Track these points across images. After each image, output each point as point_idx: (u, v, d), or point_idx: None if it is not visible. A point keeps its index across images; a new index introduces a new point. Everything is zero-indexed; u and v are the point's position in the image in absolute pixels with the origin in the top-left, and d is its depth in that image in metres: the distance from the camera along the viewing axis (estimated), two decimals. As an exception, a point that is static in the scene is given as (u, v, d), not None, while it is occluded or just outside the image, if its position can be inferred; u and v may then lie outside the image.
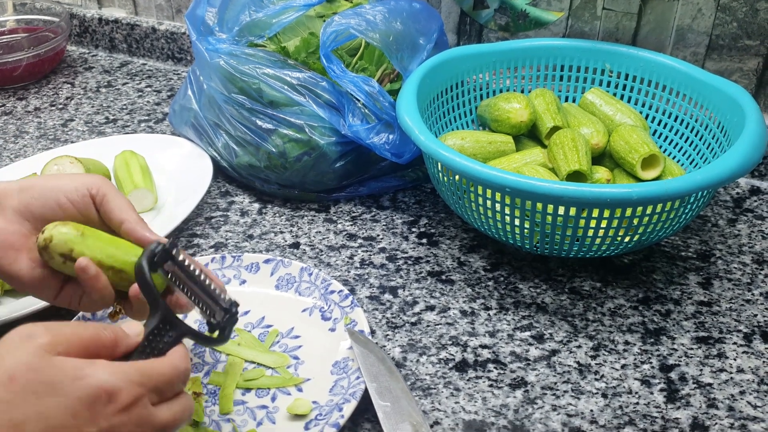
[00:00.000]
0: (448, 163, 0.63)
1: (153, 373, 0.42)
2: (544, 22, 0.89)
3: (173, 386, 0.43)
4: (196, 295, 0.47)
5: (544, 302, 0.67)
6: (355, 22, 0.76)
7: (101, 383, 0.38)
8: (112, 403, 0.38)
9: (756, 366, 0.60)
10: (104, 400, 0.38)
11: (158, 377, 0.42)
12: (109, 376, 0.39)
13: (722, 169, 0.60)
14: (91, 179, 0.52)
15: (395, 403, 0.54)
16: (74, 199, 0.51)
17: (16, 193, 0.50)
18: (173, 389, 0.43)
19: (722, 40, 0.81)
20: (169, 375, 0.43)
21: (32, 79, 1.14)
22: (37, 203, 0.50)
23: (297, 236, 0.77)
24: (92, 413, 0.38)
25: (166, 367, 0.43)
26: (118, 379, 0.39)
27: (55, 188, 0.51)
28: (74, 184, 0.51)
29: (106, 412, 0.38)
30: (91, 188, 0.51)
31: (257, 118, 0.79)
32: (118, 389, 0.39)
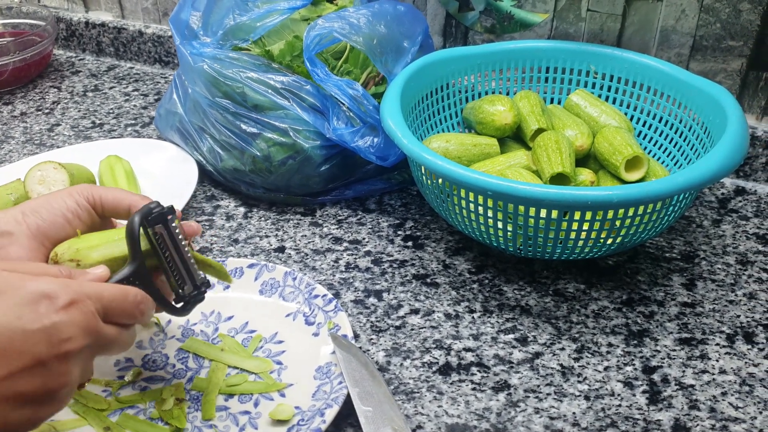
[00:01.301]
0: (431, 167, 0.63)
1: (97, 288, 0.45)
2: (529, 24, 0.89)
3: (121, 306, 0.46)
4: (173, 263, 0.50)
5: (528, 305, 0.67)
6: (338, 25, 0.76)
7: (42, 288, 0.41)
8: (52, 303, 0.41)
9: (738, 367, 0.60)
10: (45, 302, 0.41)
11: (100, 291, 0.44)
12: (48, 283, 0.42)
13: (704, 171, 0.60)
14: (80, 189, 0.54)
15: (377, 407, 0.54)
16: (79, 212, 0.53)
17: (21, 218, 0.51)
18: (123, 312, 0.46)
19: (706, 41, 0.82)
20: (116, 295, 0.45)
21: (18, 84, 1.13)
22: (46, 224, 0.51)
23: (282, 240, 0.77)
24: (34, 312, 0.40)
25: (115, 289, 0.46)
26: (58, 285, 0.42)
27: (60, 206, 0.52)
28: (73, 198, 0.53)
29: (47, 310, 0.41)
30: (87, 196, 0.53)
31: (242, 122, 0.78)
32: (56, 292, 0.41)
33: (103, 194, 0.54)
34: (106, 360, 0.61)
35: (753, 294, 0.68)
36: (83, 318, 0.42)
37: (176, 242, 0.51)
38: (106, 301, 0.45)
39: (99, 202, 0.54)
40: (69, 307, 0.42)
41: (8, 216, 0.51)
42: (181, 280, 0.51)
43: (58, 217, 0.52)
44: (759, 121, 0.84)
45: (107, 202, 0.54)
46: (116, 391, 0.59)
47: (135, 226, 0.49)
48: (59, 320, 0.41)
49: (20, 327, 0.40)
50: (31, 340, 0.40)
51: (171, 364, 0.61)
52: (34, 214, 0.51)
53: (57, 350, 0.41)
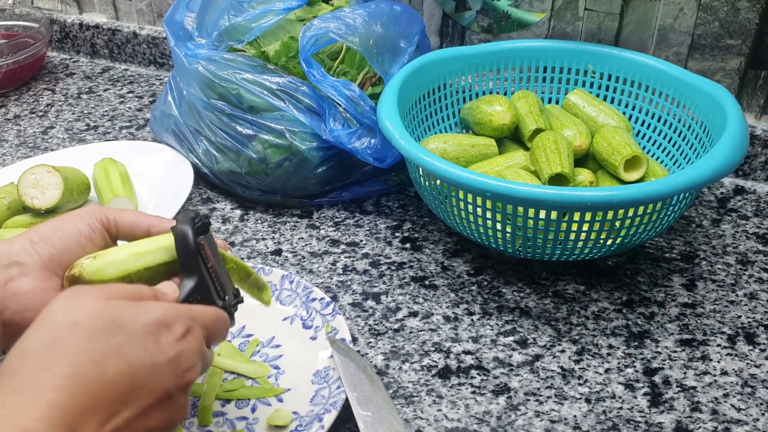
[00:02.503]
0: (429, 168, 0.63)
1: (198, 311, 0.44)
2: (527, 24, 0.89)
3: (217, 328, 0.45)
4: (215, 274, 0.49)
5: (528, 306, 0.67)
6: (334, 26, 0.75)
7: (158, 316, 0.40)
8: (170, 333, 0.40)
9: (740, 368, 0.60)
10: (164, 332, 0.40)
11: (204, 316, 0.44)
12: (162, 311, 0.41)
13: (703, 171, 0.59)
14: (92, 211, 0.50)
15: (376, 412, 0.54)
16: (93, 236, 0.49)
17: (30, 247, 0.47)
18: (217, 332, 0.45)
19: (704, 40, 0.81)
20: (213, 316, 0.45)
21: (12, 86, 1.12)
22: (59, 252, 0.47)
23: (279, 243, 0.76)
24: (157, 344, 0.39)
25: (209, 310, 0.45)
26: (171, 312, 0.41)
27: (72, 232, 0.48)
28: (86, 222, 0.49)
29: (168, 340, 0.40)
30: (100, 218, 0.50)
31: (237, 123, 0.78)
32: (172, 320, 0.41)
33: (117, 216, 0.51)
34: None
35: (754, 294, 0.67)
36: (198, 345, 0.42)
37: (215, 252, 0.49)
38: (209, 325, 0.44)
39: (114, 224, 0.50)
40: (187, 335, 0.41)
41: (17, 245, 0.47)
42: (222, 291, 0.49)
43: (71, 243, 0.48)
44: (758, 120, 0.84)
45: (124, 224, 0.51)
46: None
47: (190, 239, 0.47)
48: (181, 349, 0.40)
49: (149, 361, 0.38)
50: (160, 374, 0.39)
51: (167, 369, 0.60)
52: (45, 242, 0.47)
53: (182, 380, 0.40)
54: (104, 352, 0.37)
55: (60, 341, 0.37)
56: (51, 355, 0.37)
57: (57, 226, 0.48)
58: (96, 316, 0.38)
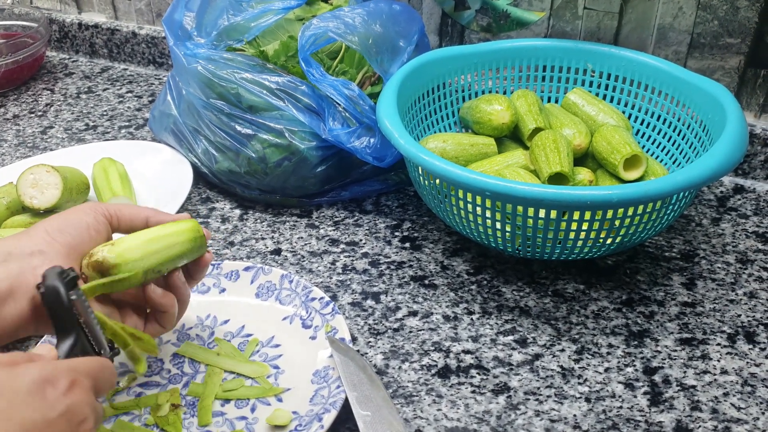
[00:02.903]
0: (428, 167, 0.63)
1: (80, 363, 0.43)
2: (526, 23, 0.88)
3: (104, 376, 0.44)
4: (89, 328, 0.47)
5: (528, 306, 0.67)
6: (333, 25, 0.75)
7: (38, 374, 0.39)
8: (55, 388, 0.39)
9: (740, 367, 0.60)
10: (49, 389, 0.39)
11: (87, 366, 0.43)
12: (40, 368, 0.40)
13: (703, 170, 0.59)
14: (92, 205, 0.54)
15: (376, 412, 0.53)
16: (99, 228, 0.52)
17: (51, 238, 0.49)
18: (105, 380, 0.44)
19: (703, 39, 0.81)
20: (97, 365, 0.44)
21: (11, 86, 1.12)
22: (76, 242, 0.50)
23: (278, 242, 0.76)
24: (44, 401, 0.38)
25: (92, 360, 0.45)
26: (50, 368, 0.40)
27: (82, 224, 0.51)
28: (93, 214, 0.52)
29: (55, 395, 0.39)
30: (104, 212, 0.53)
31: (236, 123, 0.78)
32: (53, 375, 0.40)
33: (117, 210, 0.54)
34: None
35: (753, 293, 0.67)
36: (86, 396, 0.41)
37: (86, 306, 0.46)
38: (94, 375, 0.43)
39: (116, 217, 0.54)
40: (73, 388, 0.40)
41: (36, 237, 0.49)
42: (98, 345, 0.47)
43: (84, 234, 0.51)
44: (757, 118, 0.83)
45: (124, 217, 0.54)
46: (111, 397, 0.58)
47: (62, 295, 0.45)
48: (71, 402, 0.39)
49: (41, 419, 0.38)
50: (55, 430, 0.38)
51: (166, 369, 0.60)
52: (62, 233, 0.50)
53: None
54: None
55: None
56: None
57: (68, 219, 0.51)
58: None
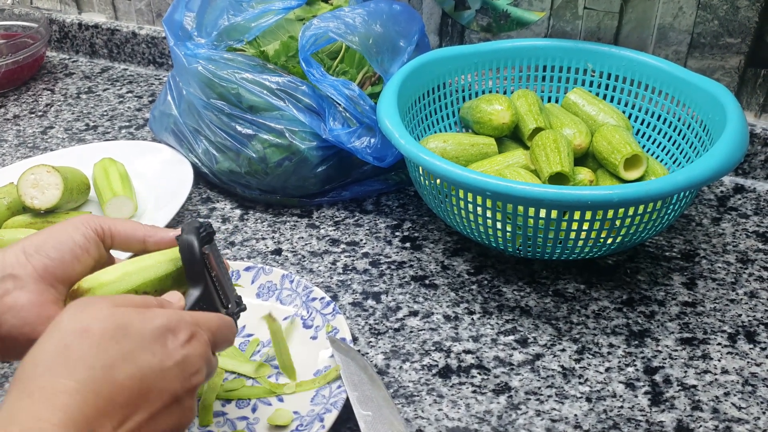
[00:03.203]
0: (429, 167, 0.63)
1: (203, 317, 0.45)
2: (526, 22, 0.89)
3: (222, 333, 0.46)
4: (219, 283, 0.49)
5: (528, 305, 0.67)
6: (334, 25, 0.75)
7: (163, 322, 0.41)
8: (176, 338, 0.41)
9: (740, 367, 0.60)
10: (170, 337, 0.41)
11: (208, 321, 0.45)
12: (167, 317, 0.41)
13: (703, 169, 0.59)
14: (86, 219, 0.49)
15: (377, 412, 0.54)
16: (87, 246, 0.48)
17: (24, 259, 0.45)
18: (223, 337, 0.46)
19: (704, 39, 0.81)
20: (218, 321, 0.45)
21: (11, 86, 1.12)
22: (54, 264, 0.46)
23: (279, 242, 0.76)
24: (164, 348, 0.40)
25: (214, 316, 0.46)
26: (175, 318, 0.42)
27: (67, 242, 0.47)
28: (80, 231, 0.48)
29: (174, 345, 0.41)
30: (95, 228, 0.49)
31: (237, 123, 0.78)
32: (177, 325, 0.41)
33: (112, 226, 0.50)
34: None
35: (754, 293, 0.67)
36: (204, 349, 0.42)
37: (219, 261, 0.50)
38: (215, 330, 0.45)
39: (109, 234, 0.50)
40: (192, 340, 0.42)
41: (10, 257, 0.45)
42: (226, 299, 0.50)
43: (66, 254, 0.46)
44: (757, 118, 0.84)
45: (119, 234, 0.50)
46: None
47: (195, 249, 0.47)
48: (187, 353, 0.41)
49: (157, 365, 0.39)
50: (168, 377, 0.39)
51: (167, 369, 0.60)
52: (39, 253, 0.46)
53: (189, 384, 0.41)
54: (115, 357, 0.38)
55: (72, 348, 0.37)
56: (64, 361, 0.37)
57: (51, 236, 0.47)
58: (105, 322, 0.39)
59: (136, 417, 0.38)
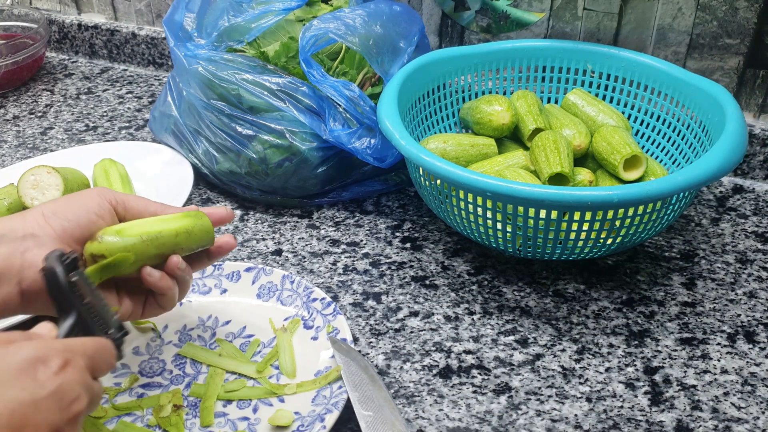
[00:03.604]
0: (429, 168, 0.63)
1: (76, 343, 0.42)
2: (526, 23, 0.89)
3: (101, 356, 0.43)
4: (94, 309, 0.47)
5: (528, 306, 0.67)
6: (334, 26, 0.75)
7: (30, 353, 0.39)
8: (47, 368, 0.39)
9: (740, 366, 0.60)
10: (41, 368, 0.39)
11: (82, 346, 0.42)
12: (34, 347, 0.39)
13: (703, 170, 0.60)
14: (99, 191, 0.53)
15: (378, 412, 0.54)
16: (102, 213, 0.51)
17: (44, 221, 0.49)
18: (102, 360, 0.44)
19: (703, 39, 0.81)
20: (94, 345, 0.43)
21: (11, 87, 1.12)
22: (72, 226, 0.49)
23: (279, 243, 0.76)
24: (34, 380, 0.38)
25: (89, 340, 0.44)
26: (43, 347, 0.40)
27: (83, 208, 0.51)
28: (96, 200, 0.51)
29: (46, 375, 0.39)
30: (110, 200, 0.52)
31: (237, 124, 0.78)
32: (46, 355, 0.39)
33: (126, 200, 0.53)
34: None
35: (753, 293, 0.68)
36: (81, 375, 0.40)
37: (90, 287, 0.47)
38: (91, 354, 0.42)
39: (123, 206, 0.53)
40: (66, 367, 0.40)
41: (30, 219, 0.49)
42: (104, 325, 0.47)
43: (83, 217, 0.50)
44: (756, 118, 0.84)
45: (132, 208, 0.53)
46: (113, 398, 0.58)
47: (60, 277, 0.45)
48: (62, 381, 0.39)
49: (29, 398, 0.37)
50: (43, 410, 0.38)
51: (168, 370, 0.60)
52: (57, 216, 0.49)
53: (69, 413, 0.39)
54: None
55: None
56: None
57: (69, 202, 0.51)
58: None
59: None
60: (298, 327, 0.63)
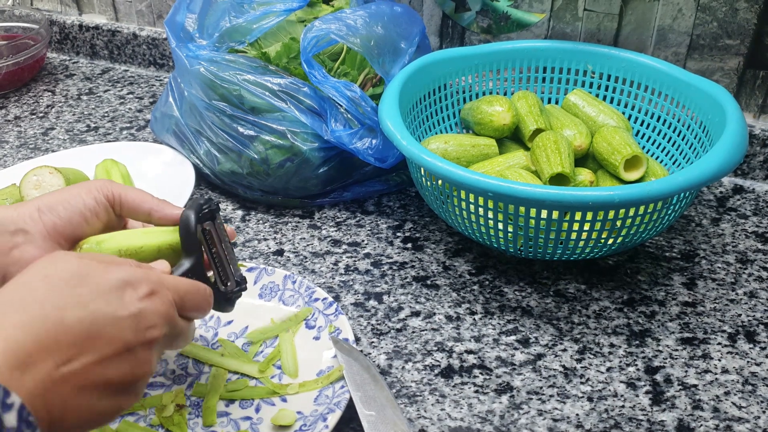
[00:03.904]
0: (431, 168, 0.63)
1: (172, 278, 0.46)
2: (526, 24, 0.89)
3: (193, 298, 0.47)
4: (219, 260, 0.51)
5: (529, 306, 0.67)
6: (335, 27, 0.75)
7: (124, 276, 0.42)
8: (135, 291, 0.42)
9: (740, 366, 0.60)
10: (129, 290, 0.41)
11: (177, 283, 0.46)
12: (131, 271, 0.42)
13: (704, 170, 0.60)
14: (99, 184, 0.53)
15: (380, 411, 0.54)
16: (97, 210, 0.52)
17: (37, 216, 0.49)
18: (194, 302, 0.47)
19: (703, 40, 0.82)
20: (188, 285, 0.46)
21: (12, 88, 1.12)
22: (62, 222, 0.50)
23: (281, 243, 0.76)
24: (120, 300, 0.41)
25: (185, 280, 0.47)
26: (139, 273, 0.43)
27: (77, 204, 0.51)
28: (92, 195, 0.52)
29: (131, 298, 0.41)
30: (107, 194, 0.52)
31: (239, 124, 0.78)
32: (138, 281, 0.42)
33: (123, 193, 0.53)
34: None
35: (754, 293, 0.68)
36: (164, 307, 0.43)
37: (222, 239, 0.52)
38: (182, 293, 0.45)
39: (119, 200, 0.53)
40: (151, 296, 0.42)
41: (24, 213, 0.49)
42: (225, 277, 0.52)
43: (76, 215, 0.50)
44: (756, 119, 0.84)
45: (127, 203, 0.53)
46: (116, 397, 0.58)
47: (191, 222, 0.50)
48: (144, 307, 0.41)
49: (110, 313, 0.40)
50: (120, 326, 0.40)
51: (170, 369, 0.61)
52: (51, 212, 0.50)
53: (143, 337, 0.41)
54: (67, 299, 0.39)
55: (29, 288, 0.39)
56: (20, 299, 0.39)
57: (64, 198, 0.51)
58: (66, 271, 0.40)
59: (82, 359, 0.38)
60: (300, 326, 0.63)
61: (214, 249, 0.51)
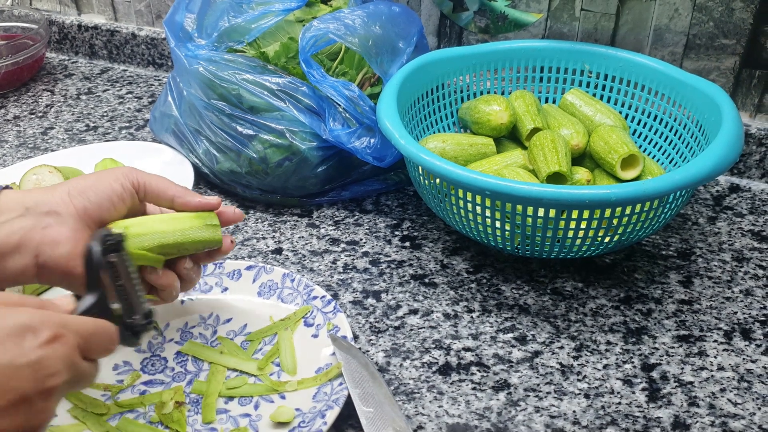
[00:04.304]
0: (429, 167, 0.63)
1: (75, 320, 0.43)
2: (524, 24, 0.89)
3: (97, 339, 0.44)
4: (124, 292, 0.49)
5: (527, 303, 0.67)
6: (333, 26, 0.75)
7: (23, 320, 0.40)
8: (36, 337, 0.39)
9: (736, 363, 0.61)
10: (29, 336, 0.39)
11: (80, 325, 0.43)
12: (29, 316, 0.40)
13: (700, 169, 0.60)
14: (126, 171, 0.55)
15: (378, 408, 0.54)
16: (124, 196, 0.54)
17: (68, 199, 0.51)
18: (97, 343, 0.44)
19: (699, 40, 0.82)
20: (92, 326, 0.44)
21: (11, 87, 1.13)
22: (93, 207, 0.52)
23: (280, 242, 0.77)
24: (19, 347, 0.39)
25: (89, 320, 0.44)
26: (38, 317, 0.40)
27: (106, 189, 0.53)
28: (120, 182, 0.54)
29: (32, 344, 0.39)
30: (132, 180, 0.55)
31: (237, 124, 0.78)
32: (38, 325, 0.40)
33: (147, 181, 0.55)
34: (105, 363, 0.61)
35: (749, 290, 0.68)
36: (67, 352, 0.41)
37: (127, 272, 0.49)
38: (87, 335, 0.43)
39: (143, 187, 0.55)
40: (53, 342, 0.40)
41: (56, 196, 0.51)
42: (131, 311, 0.49)
43: (105, 200, 0.52)
44: (752, 118, 0.84)
45: (152, 189, 0.55)
46: (115, 395, 0.58)
47: (96, 256, 0.47)
48: (44, 354, 0.39)
49: (7, 362, 0.38)
50: (17, 376, 0.38)
51: (170, 367, 0.61)
52: (81, 196, 0.52)
53: (42, 386, 0.39)
54: None
55: None
56: None
57: (94, 183, 0.53)
58: None
59: None
60: (299, 324, 0.63)
61: (120, 282, 0.48)
